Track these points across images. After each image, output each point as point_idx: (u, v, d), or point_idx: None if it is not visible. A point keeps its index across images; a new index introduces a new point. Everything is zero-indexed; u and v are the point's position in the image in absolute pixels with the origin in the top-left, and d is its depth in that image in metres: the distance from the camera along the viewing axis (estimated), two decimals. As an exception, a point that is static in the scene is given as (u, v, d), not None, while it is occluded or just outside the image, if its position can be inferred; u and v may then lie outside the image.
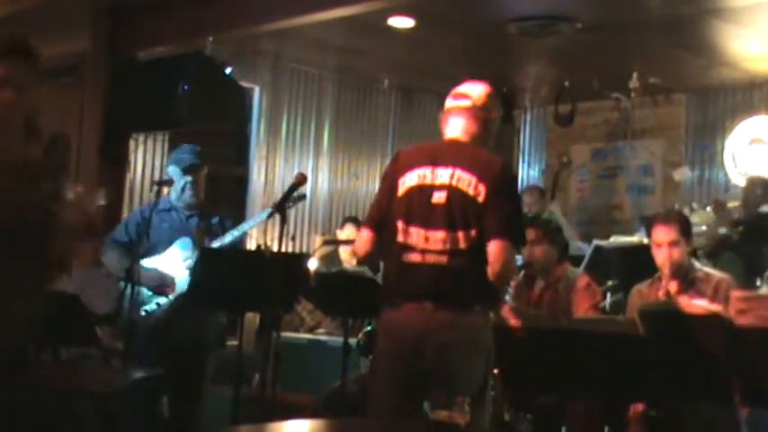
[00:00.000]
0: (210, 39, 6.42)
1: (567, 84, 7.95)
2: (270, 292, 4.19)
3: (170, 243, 4.94)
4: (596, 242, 6.36)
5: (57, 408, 4.52)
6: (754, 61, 7.04)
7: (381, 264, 3.90)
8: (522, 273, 5.06)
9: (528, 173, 9.21)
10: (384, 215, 3.59)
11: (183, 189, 5.00)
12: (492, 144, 3.76)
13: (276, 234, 4.20)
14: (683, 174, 8.01)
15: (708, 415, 3.76)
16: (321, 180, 8.24)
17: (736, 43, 6.60)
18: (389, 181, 3.62)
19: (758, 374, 2.80)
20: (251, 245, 6.93)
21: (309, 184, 7.88)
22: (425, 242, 3.46)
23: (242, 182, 7.86)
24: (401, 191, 3.56)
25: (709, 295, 4.12)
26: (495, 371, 3.71)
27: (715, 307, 3.04)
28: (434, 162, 3.54)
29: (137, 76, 6.70)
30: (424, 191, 3.51)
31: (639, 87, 7.48)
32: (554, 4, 6.11)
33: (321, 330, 6.48)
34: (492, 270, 3.39)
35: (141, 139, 6.97)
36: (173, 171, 5.08)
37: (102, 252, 5.18)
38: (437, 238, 3.45)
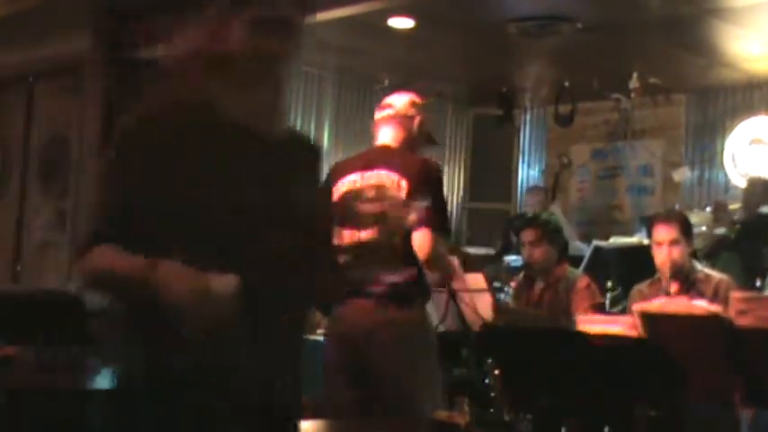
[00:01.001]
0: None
1: (566, 84, 7.95)
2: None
3: None
4: (596, 243, 6.36)
5: (58, 407, 4.52)
6: (753, 62, 7.05)
7: None
8: (522, 273, 5.07)
9: (528, 173, 9.21)
10: None
11: None
12: (422, 145, 3.96)
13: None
14: (682, 174, 8.01)
15: (708, 415, 3.76)
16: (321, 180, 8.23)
17: (736, 44, 6.60)
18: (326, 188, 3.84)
19: (758, 375, 2.80)
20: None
21: (309, 185, 7.88)
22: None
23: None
24: (335, 197, 3.80)
25: (709, 296, 4.12)
26: (496, 371, 3.74)
27: (715, 308, 3.04)
28: (363, 167, 3.80)
29: (137, 76, 6.69)
30: (355, 194, 3.76)
31: (639, 87, 7.48)
32: (554, 5, 6.11)
33: (320, 331, 6.47)
34: (420, 258, 3.58)
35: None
36: None
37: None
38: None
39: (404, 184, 3.65)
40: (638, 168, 8.50)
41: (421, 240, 3.57)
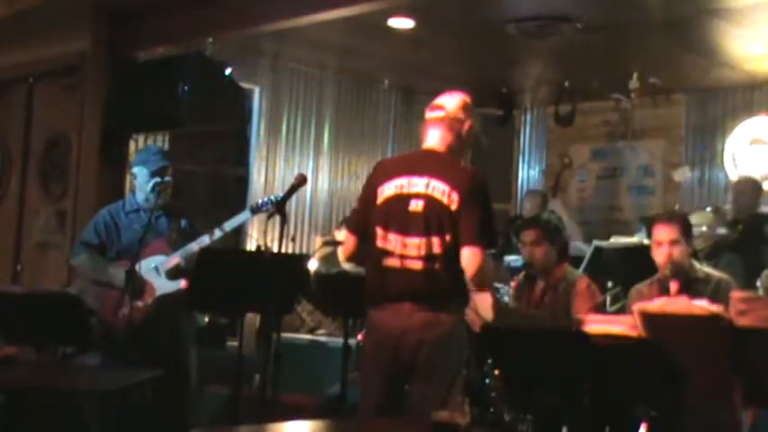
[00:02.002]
0: (210, 40, 6.41)
1: (567, 84, 7.94)
2: (270, 293, 4.19)
3: (142, 244, 4.85)
4: (596, 243, 6.36)
5: (58, 408, 4.53)
6: (754, 62, 7.04)
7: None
8: (523, 273, 5.06)
9: (528, 173, 9.20)
10: (364, 220, 3.87)
11: (151, 191, 4.92)
12: (468, 149, 4.04)
13: (276, 235, 4.20)
14: (683, 174, 8.00)
15: (708, 415, 3.75)
16: (321, 180, 8.23)
17: (737, 44, 6.60)
18: (369, 189, 3.90)
19: (758, 375, 2.80)
20: (251, 245, 6.93)
21: (309, 185, 7.88)
22: (403, 248, 3.72)
23: (242, 182, 7.86)
24: (380, 199, 3.81)
25: (709, 296, 4.11)
26: (496, 371, 3.75)
27: (715, 308, 3.04)
28: (411, 172, 3.79)
29: (137, 76, 6.70)
30: (401, 199, 3.76)
31: (639, 88, 7.48)
32: (554, 5, 6.11)
33: (321, 331, 6.48)
34: (468, 274, 3.67)
35: (141, 139, 6.97)
36: (139, 172, 5.01)
37: (72, 255, 5.16)
38: (414, 243, 3.71)
39: (455, 196, 3.69)
40: (639, 168, 8.50)
41: (470, 258, 3.65)
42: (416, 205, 3.72)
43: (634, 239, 6.36)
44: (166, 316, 4.83)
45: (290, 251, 7.08)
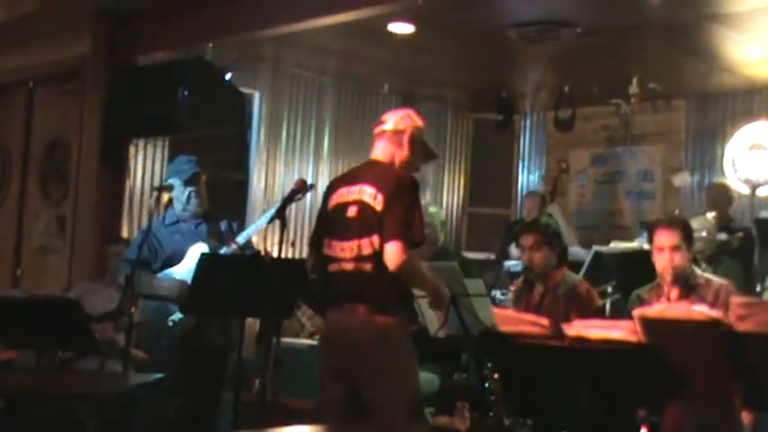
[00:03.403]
0: (210, 44, 6.42)
1: (566, 89, 7.94)
2: (270, 297, 4.20)
3: (184, 253, 5.04)
4: (596, 248, 6.36)
5: (57, 412, 4.53)
6: (754, 67, 7.04)
7: None
8: (522, 278, 5.06)
9: (528, 178, 9.21)
10: (320, 233, 4.12)
11: (188, 200, 5.13)
12: (418, 156, 4.15)
13: (276, 240, 4.21)
14: (682, 179, 8.01)
15: (709, 420, 3.76)
16: (321, 185, 8.22)
17: (737, 49, 6.61)
18: (323, 206, 4.16)
19: (758, 379, 2.80)
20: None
21: (309, 190, 7.88)
22: (341, 252, 3.94)
23: (242, 187, 7.85)
24: (329, 210, 4.08)
25: (710, 301, 4.11)
26: (496, 376, 3.76)
27: (715, 313, 3.04)
28: (350, 182, 4.05)
29: (137, 81, 6.70)
30: (342, 208, 4.00)
31: (639, 93, 7.48)
32: (554, 10, 6.11)
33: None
34: (390, 269, 3.79)
35: (141, 144, 6.97)
36: (174, 183, 5.17)
37: (119, 272, 5.26)
38: (349, 246, 3.92)
39: (380, 197, 3.87)
40: (638, 173, 8.50)
41: (389, 253, 3.79)
42: (352, 211, 3.95)
43: (634, 244, 6.36)
44: (214, 318, 4.97)
45: (289, 256, 7.08)
